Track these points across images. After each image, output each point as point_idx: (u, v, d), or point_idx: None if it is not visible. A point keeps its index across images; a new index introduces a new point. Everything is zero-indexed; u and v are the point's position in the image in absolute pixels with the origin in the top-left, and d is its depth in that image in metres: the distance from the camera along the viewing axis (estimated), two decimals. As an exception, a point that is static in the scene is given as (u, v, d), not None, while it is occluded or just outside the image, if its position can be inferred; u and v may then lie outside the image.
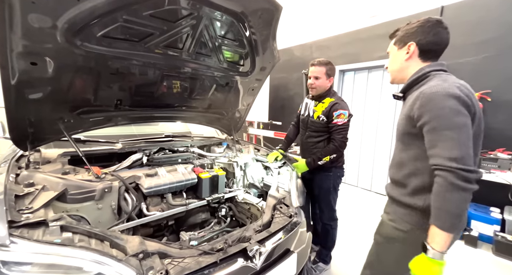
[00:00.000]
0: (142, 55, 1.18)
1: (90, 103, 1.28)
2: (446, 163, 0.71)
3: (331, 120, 1.61)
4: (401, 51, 0.93)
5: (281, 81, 4.78)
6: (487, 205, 2.45)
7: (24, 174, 1.05)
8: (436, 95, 0.76)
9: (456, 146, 0.71)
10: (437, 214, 0.74)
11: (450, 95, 0.74)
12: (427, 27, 0.86)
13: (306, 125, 1.74)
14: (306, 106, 1.79)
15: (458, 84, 0.78)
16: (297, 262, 1.17)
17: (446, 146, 0.72)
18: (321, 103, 1.69)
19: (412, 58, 0.91)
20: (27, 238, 0.72)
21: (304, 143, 1.73)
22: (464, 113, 0.74)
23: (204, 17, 1.15)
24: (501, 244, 2.10)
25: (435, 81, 0.81)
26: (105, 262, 0.73)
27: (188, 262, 0.85)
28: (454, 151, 0.71)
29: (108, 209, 1.15)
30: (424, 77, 0.86)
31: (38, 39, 0.88)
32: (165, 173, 1.34)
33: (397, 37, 0.95)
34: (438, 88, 0.76)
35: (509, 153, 2.31)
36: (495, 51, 2.44)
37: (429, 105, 0.77)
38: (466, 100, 0.75)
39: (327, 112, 1.62)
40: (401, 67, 0.94)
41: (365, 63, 3.52)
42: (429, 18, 0.87)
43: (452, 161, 0.70)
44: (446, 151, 0.72)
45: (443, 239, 0.72)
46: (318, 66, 1.64)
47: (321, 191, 1.75)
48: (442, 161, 0.72)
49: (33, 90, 1.03)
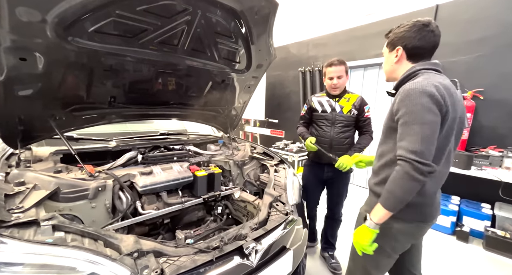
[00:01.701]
0: (136, 52, 1.16)
1: (82, 100, 1.25)
2: (407, 154, 0.79)
3: (363, 114, 1.71)
4: (391, 54, 0.97)
5: (277, 78, 4.77)
6: (478, 201, 2.50)
7: (14, 172, 1.03)
8: (413, 92, 0.81)
9: (419, 141, 0.78)
10: (385, 195, 0.85)
11: (425, 92, 0.79)
12: (413, 32, 0.90)
13: (333, 121, 1.73)
14: (324, 103, 1.76)
15: (437, 83, 0.81)
16: (293, 259, 1.17)
17: (411, 140, 0.79)
18: (343, 98, 1.73)
19: (401, 61, 0.95)
20: (17, 238, 0.70)
21: (335, 139, 1.71)
22: (434, 111, 0.79)
23: (199, 13, 1.14)
24: (491, 239, 2.15)
25: (418, 78, 0.85)
26: (98, 262, 0.72)
27: (184, 260, 0.85)
28: (416, 145, 0.78)
29: (102, 208, 1.13)
30: (414, 75, 0.90)
31: (27, 33, 0.85)
32: (161, 171, 1.32)
33: (389, 40, 0.99)
34: (416, 85, 0.81)
35: (500, 151, 2.36)
36: (489, 50, 2.47)
37: (406, 100, 0.82)
38: (439, 100, 0.79)
39: (358, 106, 1.70)
40: (392, 68, 0.99)
41: (361, 61, 3.54)
42: (416, 21, 0.90)
43: (412, 153, 0.78)
44: (409, 144, 0.79)
45: (381, 215, 0.85)
46: (339, 65, 1.65)
47: (344, 187, 1.83)
48: (404, 152, 0.79)
49: (23, 86, 1.00)
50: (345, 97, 1.73)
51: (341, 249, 2.05)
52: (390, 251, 0.97)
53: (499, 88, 2.40)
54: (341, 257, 1.96)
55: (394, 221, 0.90)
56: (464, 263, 2.02)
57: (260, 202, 1.37)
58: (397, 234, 0.93)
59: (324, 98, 1.78)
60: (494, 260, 2.06)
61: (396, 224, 0.92)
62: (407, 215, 0.90)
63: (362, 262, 1.03)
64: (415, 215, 0.92)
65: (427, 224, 0.96)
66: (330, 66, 1.65)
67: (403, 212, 0.87)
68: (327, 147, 1.72)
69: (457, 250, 2.20)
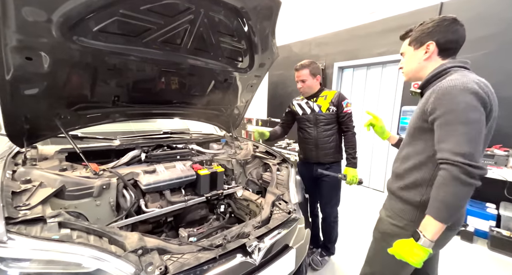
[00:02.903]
0: (139, 51, 1.16)
1: (87, 99, 1.26)
2: (453, 157, 0.71)
3: (341, 109, 1.70)
4: (419, 51, 0.92)
5: (280, 78, 4.77)
6: (483, 201, 2.48)
7: (21, 170, 1.04)
8: (453, 89, 0.75)
9: (466, 142, 0.71)
10: (435, 204, 0.75)
11: (467, 90, 0.73)
12: (444, 26, 0.86)
13: (315, 122, 1.75)
14: (304, 106, 1.81)
15: (477, 80, 0.77)
16: (296, 258, 1.18)
17: (456, 141, 0.72)
18: (320, 97, 1.75)
19: (432, 57, 0.90)
20: (24, 235, 0.71)
21: (319, 139, 1.74)
22: (479, 109, 0.73)
23: (202, 12, 1.14)
24: (496, 239, 2.13)
25: (454, 76, 0.80)
26: (104, 258, 0.73)
27: (187, 258, 0.85)
28: (463, 147, 0.71)
29: (107, 205, 1.14)
30: (445, 73, 0.85)
31: (33, 33, 0.86)
32: (164, 170, 1.33)
33: (412, 38, 0.94)
34: (456, 82, 0.75)
35: (505, 150, 2.33)
36: (495, 48, 2.44)
37: (445, 98, 0.76)
38: (484, 97, 0.74)
39: (336, 101, 1.71)
40: (419, 67, 0.93)
41: (364, 60, 3.52)
42: (444, 17, 0.87)
43: (460, 156, 0.71)
44: (455, 146, 0.72)
45: (435, 228, 0.74)
46: (301, 69, 1.72)
47: (335, 186, 1.82)
48: (449, 155, 0.72)
49: (29, 85, 1.01)
50: (322, 96, 1.75)
51: (341, 254, 2.04)
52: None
53: (505, 86, 2.37)
54: (340, 261, 1.95)
55: None
56: (468, 263, 2.00)
57: (262, 201, 1.38)
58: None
59: (303, 101, 1.83)
60: (499, 260, 2.04)
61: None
62: None
63: (380, 268, 0.99)
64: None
65: (453, 231, 0.92)
66: (295, 71, 1.73)
67: None
68: (312, 147, 1.76)
69: (462, 250, 2.19)
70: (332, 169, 1.78)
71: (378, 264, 0.99)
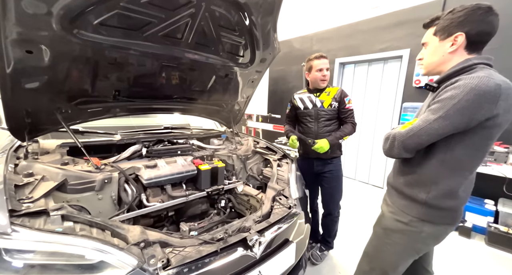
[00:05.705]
0: (140, 45, 1.15)
1: (88, 94, 1.26)
2: (397, 136, 0.85)
3: (343, 105, 1.71)
4: (444, 42, 0.83)
5: (280, 73, 4.74)
6: (482, 198, 2.49)
7: (23, 164, 1.05)
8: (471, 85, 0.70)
9: (422, 133, 0.79)
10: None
11: (485, 92, 0.69)
12: (478, 15, 0.77)
13: (316, 116, 1.75)
14: (305, 100, 1.79)
15: (500, 81, 0.71)
16: (296, 252, 1.19)
17: (415, 126, 0.81)
18: (324, 93, 1.75)
19: (458, 51, 0.82)
20: (28, 227, 0.72)
21: (320, 134, 1.74)
22: (475, 117, 0.72)
23: (203, 5, 1.12)
24: (494, 235, 2.15)
25: (479, 73, 0.74)
26: (107, 251, 0.74)
27: (189, 251, 0.86)
28: (413, 137, 0.81)
29: (108, 199, 1.15)
30: (470, 69, 0.78)
31: (33, 26, 0.85)
32: (165, 165, 1.34)
33: (439, 27, 0.85)
34: (476, 80, 0.70)
35: (505, 147, 2.33)
36: (498, 44, 2.41)
37: (455, 91, 0.73)
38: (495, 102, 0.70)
39: (338, 98, 1.71)
40: (442, 60, 0.85)
41: (366, 56, 3.49)
42: (478, 4, 0.78)
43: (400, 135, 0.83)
44: (408, 131, 0.82)
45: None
46: (326, 58, 1.72)
47: (337, 181, 1.82)
48: (398, 134, 0.85)
49: (29, 79, 1.01)
50: (326, 91, 1.75)
51: (340, 249, 2.07)
52: (414, 253, 0.94)
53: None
54: (339, 256, 1.98)
55: (425, 225, 0.87)
56: (466, 258, 2.03)
57: (263, 196, 1.38)
58: (427, 237, 0.90)
59: (305, 95, 1.80)
60: (496, 255, 2.07)
61: (426, 228, 0.88)
62: (438, 219, 0.87)
63: (379, 263, 1.00)
64: (447, 218, 0.88)
65: (454, 226, 0.93)
66: (319, 59, 1.71)
67: (435, 216, 0.85)
68: (312, 142, 1.76)
69: (459, 245, 2.21)
70: (333, 164, 1.78)
71: (378, 260, 1.00)
